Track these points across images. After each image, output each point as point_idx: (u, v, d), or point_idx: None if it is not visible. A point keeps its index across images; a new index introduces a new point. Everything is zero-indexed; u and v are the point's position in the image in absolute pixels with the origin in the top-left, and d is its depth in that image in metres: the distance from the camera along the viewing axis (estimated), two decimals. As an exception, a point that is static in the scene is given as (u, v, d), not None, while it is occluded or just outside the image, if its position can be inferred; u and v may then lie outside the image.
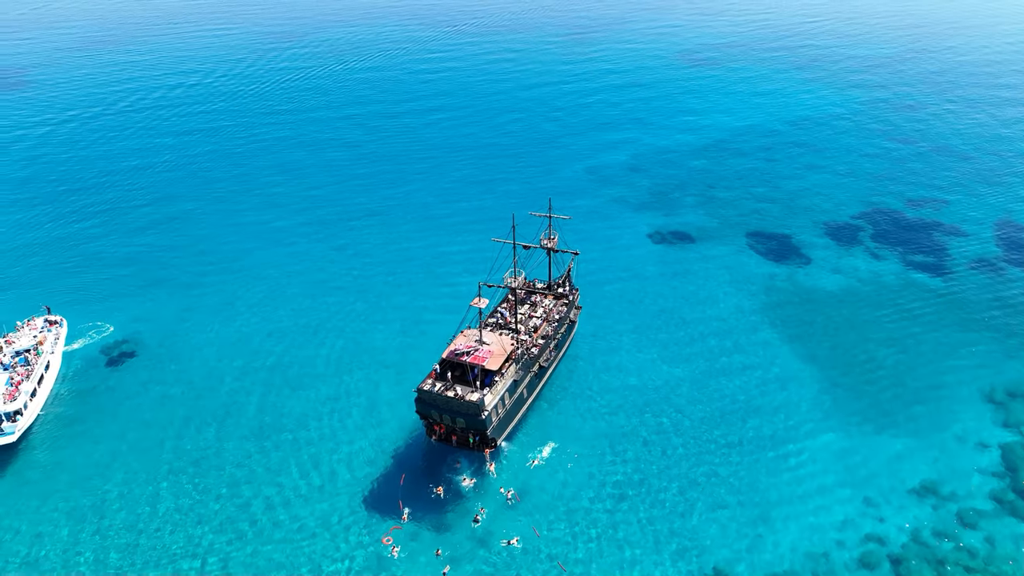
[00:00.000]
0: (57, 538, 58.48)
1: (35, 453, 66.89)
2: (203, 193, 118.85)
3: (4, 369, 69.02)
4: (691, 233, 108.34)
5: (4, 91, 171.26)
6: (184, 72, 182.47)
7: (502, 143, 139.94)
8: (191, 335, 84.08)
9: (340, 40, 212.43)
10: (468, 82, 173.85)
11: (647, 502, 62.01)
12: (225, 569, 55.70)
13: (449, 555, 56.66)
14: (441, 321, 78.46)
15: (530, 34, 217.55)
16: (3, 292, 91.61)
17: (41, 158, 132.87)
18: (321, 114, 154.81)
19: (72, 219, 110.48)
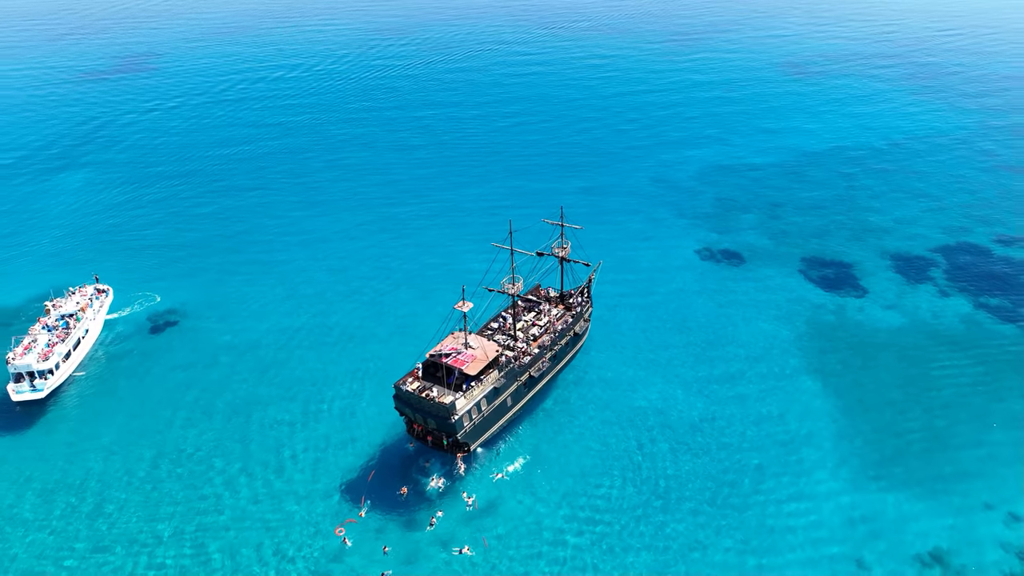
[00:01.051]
0: (64, 485, 64.03)
1: (63, 409, 73.37)
2: (270, 183, 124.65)
3: (48, 331, 76.18)
4: (742, 253, 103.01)
5: (130, 76, 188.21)
6: (286, 65, 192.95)
7: (569, 150, 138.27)
8: (230, 315, 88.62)
9: (436, 38, 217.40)
10: (549, 86, 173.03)
11: (621, 532, 59.51)
12: (193, 535, 58.94)
13: (394, 554, 57.10)
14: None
15: (626, 38, 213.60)
16: (69, 259, 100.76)
17: (140, 140, 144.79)
18: (394, 113, 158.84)
19: (148, 198, 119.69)
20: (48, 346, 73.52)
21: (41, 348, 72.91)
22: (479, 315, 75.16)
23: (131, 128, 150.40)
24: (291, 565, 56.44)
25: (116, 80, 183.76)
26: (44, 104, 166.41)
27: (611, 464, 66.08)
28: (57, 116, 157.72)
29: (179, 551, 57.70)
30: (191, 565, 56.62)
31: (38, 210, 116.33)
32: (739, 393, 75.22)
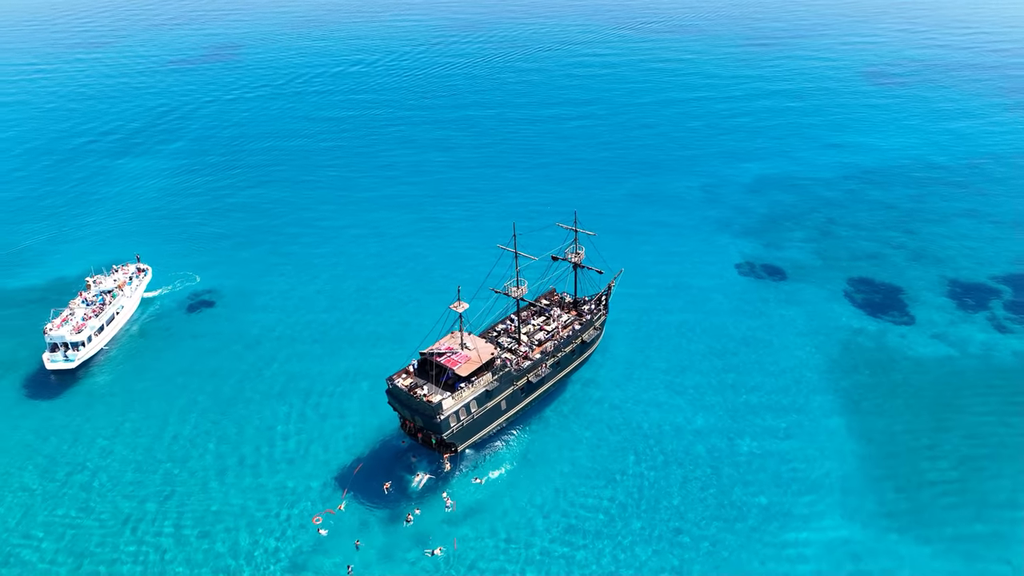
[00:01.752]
0: (71, 453, 68.05)
1: (91, 380, 77.74)
2: (319, 178, 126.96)
3: (86, 305, 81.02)
4: (785, 269, 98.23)
5: (216, 63, 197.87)
6: (351, 60, 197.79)
7: (621, 154, 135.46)
8: (263, 302, 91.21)
9: (502, 36, 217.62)
10: (609, 89, 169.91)
11: (602, 551, 57.79)
12: (177, 510, 61.40)
13: (366, 549, 57.51)
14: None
15: (699, 41, 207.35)
16: (123, 238, 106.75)
17: (203, 128, 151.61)
18: (445, 112, 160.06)
19: (203, 185, 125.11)
20: (83, 320, 78.11)
21: (76, 321, 77.58)
22: (489, 317, 74.79)
23: (198, 116, 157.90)
24: (263, 549, 57.73)
25: (197, 69, 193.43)
26: (128, 90, 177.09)
27: (604, 483, 64.10)
28: (136, 102, 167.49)
29: (160, 528, 60.07)
30: (169, 544, 58.79)
31: (103, 189, 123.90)
32: (757, 423, 71.18)
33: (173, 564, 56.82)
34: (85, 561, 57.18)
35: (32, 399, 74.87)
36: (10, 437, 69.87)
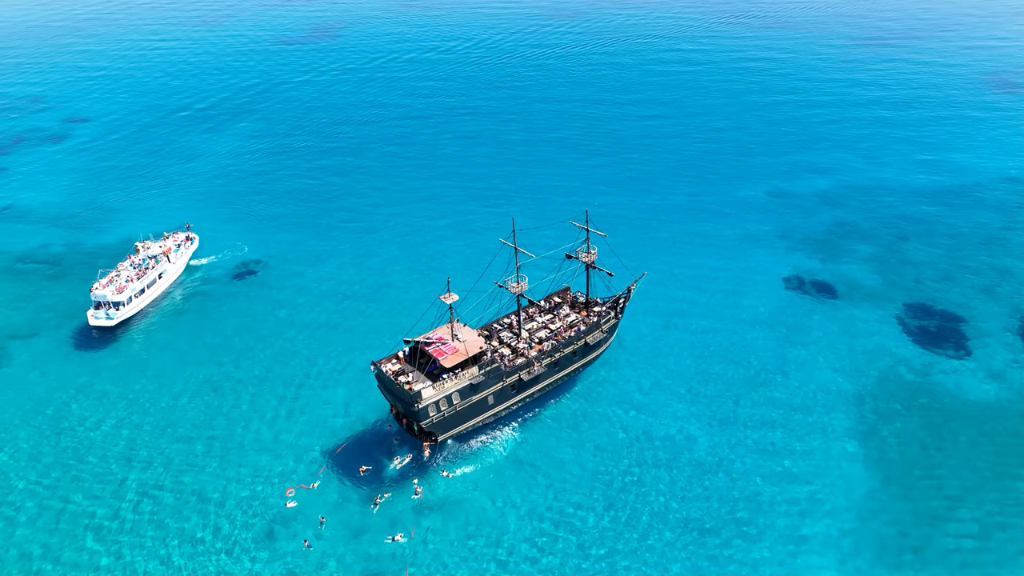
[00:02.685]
0: (102, 401, 73.60)
1: (129, 337, 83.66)
2: (381, 163, 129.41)
3: (134, 268, 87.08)
4: (837, 287, 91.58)
5: (317, 41, 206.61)
6: (441, 44, 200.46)
7: (689, 155, 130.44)
8: (304, 274, 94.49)
9: (593, 27, 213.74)
10: (693, 87, 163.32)
11: (561, 564, 56.26)
12: (178, 467, 65.22)
13: (330, 526, 58.78)
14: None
15: (804, 38, 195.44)
16: (188, 205, 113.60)
17: (287, 106, 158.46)
18: (512, 103, 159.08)
19: (273, 160, 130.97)
20: (125, 282, 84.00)
21: (120, 283, 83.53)
22: (492, 310, 74.39)
23: (283, 95, 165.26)
24: (230, 515, 60.25)
25: (294, 49, 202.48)
26: (228, 67, 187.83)
27: (588, 488, 62.38)
28: (233, 79, 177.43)
29: (158, 481, 63.96)
30: (161, 495, 62.51)
31: (181, 159, 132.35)
32: (767, 446, 66.94)
33: (146, 526, 60.23)
34: (69, 506, 61.69)
35: (74, 349, 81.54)
36: (42, 381, 76.62)
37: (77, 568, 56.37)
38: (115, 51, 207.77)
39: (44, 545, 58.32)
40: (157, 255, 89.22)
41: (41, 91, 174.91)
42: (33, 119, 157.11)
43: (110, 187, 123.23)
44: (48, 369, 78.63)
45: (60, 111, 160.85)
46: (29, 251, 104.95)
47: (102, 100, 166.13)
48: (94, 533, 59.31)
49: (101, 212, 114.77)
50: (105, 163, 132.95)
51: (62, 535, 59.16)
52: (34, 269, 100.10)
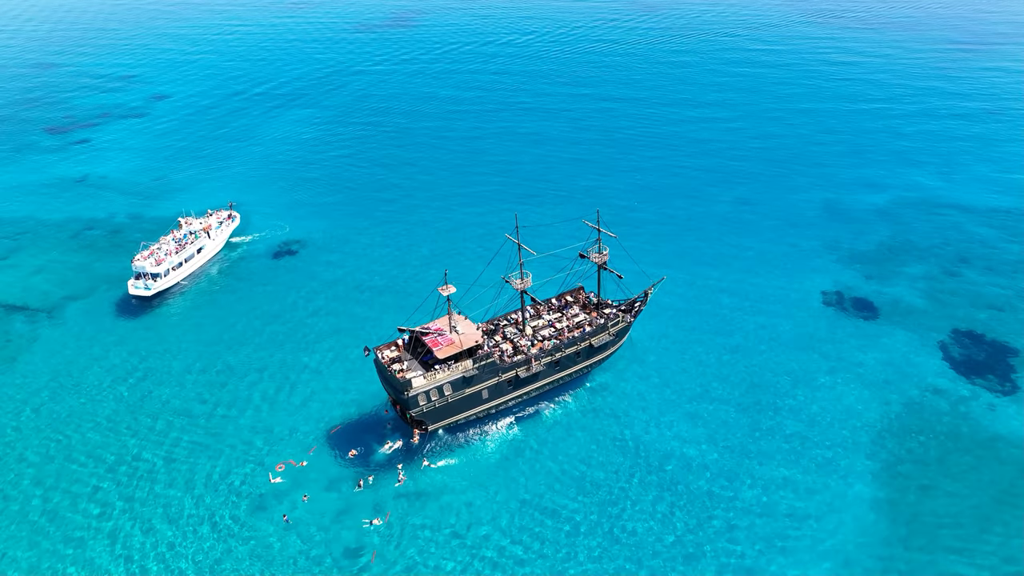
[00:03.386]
0: (125, 367, 77.98)
1: (164, 307, 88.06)
2: (437, 155, 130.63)
3: (175, 243, 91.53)
4: (880, 307, 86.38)
5: (393, 29, 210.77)
6: (513, 33, 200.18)
7: (748, 157, 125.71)
8: (341, 258, 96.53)
9: (679, 21, 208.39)
10: (763, 89, 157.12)
11: (526, 567, 55.76)
12: (178, 434, 68.37)
13: (312, 504, 60.20)
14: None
15: (898, 41, 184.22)
16: (240, 185, 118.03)
17: (353, 92, 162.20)
18: (567, 100, 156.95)
19: (329, 145, 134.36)
20: (164, 255, 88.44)
21: (159, 255, 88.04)
22: (504, 304, 74.10)
23: (353, 82, 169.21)
24: (219, 485, 62.62)
25: (378, 33, 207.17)
26: (303, 53, 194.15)
27: (568, 496, 61.27)
28: (306, 65, 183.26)
29: (158, 445, 67.34)
30: (156, 461, 65.81)
31: (243, 141, 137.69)
32: (774, 474, 63.61)
33: (136, 489, 63.43)
34: (70, 464, 66.14)
35: (113, 315, 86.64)
36: (78, 340, 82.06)
37: (73, 507, 60.15)
38: (201, 35, 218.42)
39: (44, 497, 62.47)
40: (197, 231, 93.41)
41: (132, 70, 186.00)
42: (121, 95, 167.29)
43: (177, 163, 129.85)
44: (86, 330, 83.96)
45: (145, 89, 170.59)
46: (97, 219, 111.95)
47: (184, 80, 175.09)
48: (90, 487, 62.96)
49: (165, 186, 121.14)
50: (176, 140, 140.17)
51: (62, 484, 63.11)
52: (98, 236, 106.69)
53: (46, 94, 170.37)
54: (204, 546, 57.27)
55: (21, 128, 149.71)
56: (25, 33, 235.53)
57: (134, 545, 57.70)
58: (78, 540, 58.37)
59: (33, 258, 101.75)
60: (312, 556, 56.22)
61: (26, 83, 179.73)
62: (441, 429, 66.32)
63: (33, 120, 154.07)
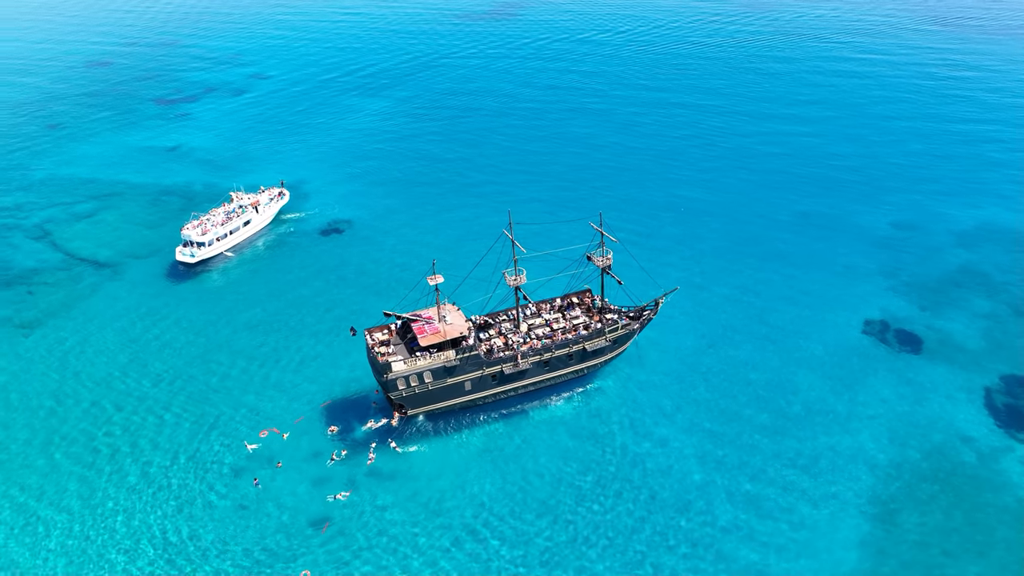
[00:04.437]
0: (156, 323, 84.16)
1: (206, 274, 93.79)
2: (498, 148, 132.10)
3: (225, 215, 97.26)
4: (926, 342, 79.47)
5: (493, 20, 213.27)
6: (607, 28, 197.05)
7: (825, 168, 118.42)
8: (386, 240, 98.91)
9: (782, 21, 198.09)
10: (856, 97, 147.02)
11: (477, 566, 55.77)
12: (183, 388, 73.17)
13: (285, 471, 62.81)
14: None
15: (1013, 48, 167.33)
16: (310, 161, 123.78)
17: (446, 79, 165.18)
18: (651, 95, 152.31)
19: (406, 130, 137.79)
20: (211, 226, 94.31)
21: (206, 226, 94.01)
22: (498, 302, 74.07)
23: (439, 70, 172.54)
24: (209, 443, 66.45)
25: (477, 24, 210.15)
26: (399, 38, 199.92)
27: (539, 499, 60.49)
28: (402, 50, 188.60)
29: (168, 398, 72.21)
30: (164, 412, 70.66)
31: (317, 120, 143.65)
32: (758, 503, 60.09)
33: (136, 435, 68.31)
34: (95, 408, 71.97)
35: (161, 277, 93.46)
36: (125, 297, 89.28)
37: (81, 441, 66.04)
38: (309, 21, 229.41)
39: (60, 430, 68.76)
40: (246, 205, 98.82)
41: (242, 51, 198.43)
42: (226, 73, 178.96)
43: (258, 139, 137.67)
44: (136, 288, 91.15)
45: (249, 69, 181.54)
46: (176, 186, 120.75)
47: (284, 63, 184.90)
48: (84, 433, 68.75)
49: (242, 159, 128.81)
50: (262, 117, 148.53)
51: (83, 422, 69.23)
52: (172, 202, 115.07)
53: (163, 70, 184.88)
54: (168, 501, 60.94)
55: (134, 99, 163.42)
56: (157, 11, 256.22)
57: (109, 494, 61.90)
58: (53, 480, 63.71)
59: (113, 218, 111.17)
60: (271, 520, 58.73)
61: (149, 59, 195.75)
62: (422, 415, 67.23)
63: (146, 92, 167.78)
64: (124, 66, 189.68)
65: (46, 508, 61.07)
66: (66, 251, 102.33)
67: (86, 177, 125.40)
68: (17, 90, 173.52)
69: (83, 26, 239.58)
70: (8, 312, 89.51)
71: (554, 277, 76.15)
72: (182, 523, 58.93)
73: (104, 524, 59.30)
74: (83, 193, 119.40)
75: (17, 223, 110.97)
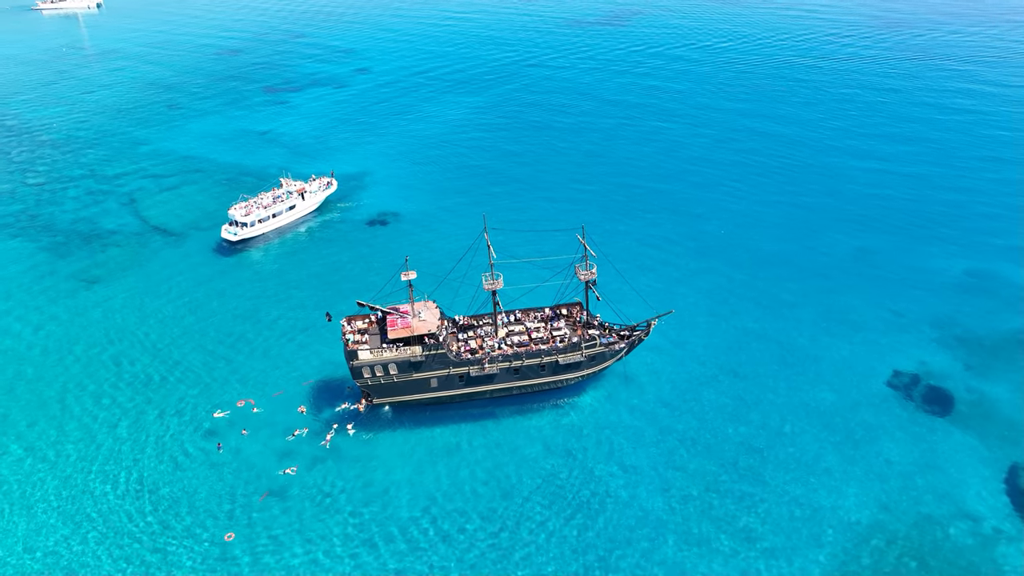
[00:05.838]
0: (189, 292, 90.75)
1: (245, 253, 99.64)
2: (568, 159, 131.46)
3: (273, 199, 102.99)
4: (958, 404, 71.37)
5: (601, 27, 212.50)
6: (719, 37, 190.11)
7: (893, 205, 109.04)
8: (425, 238, 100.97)
9: (924, 38, 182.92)
10: (972, 121, 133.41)
11: (394, 564, 56.27)
12: (191, 354, 78.41)
13: (249, 439, 66.07)
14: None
15: None
16: (380, 154, 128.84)
17: (539, 83, 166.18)
18: (726, 116, 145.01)
19: (482, 132, 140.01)
20: (256, 208, 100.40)
21: (250, 208, 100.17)
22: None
23: (528, 72, 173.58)
24: (196, 405, 70.86)
25: (583, 30, 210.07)
26: (505, 42, 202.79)
27: (483, 507, 60.12)
28: (499, 52, 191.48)
29: (159, 366, 77.39)
30: (153, 372, 76.21)
31: (402, 117, 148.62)
32: (707, 546, 57.02)
33: (135, 393, 73.97)
34: (115, 366, 78.71)
35: (208, 251, 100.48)
36: (178, 266, 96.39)
37: (93, 385, 72.94)
38: (420, 21, 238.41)
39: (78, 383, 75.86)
40: (292, 191, 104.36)
41: (354, 47, 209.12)
42: (334, 67, 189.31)
43: (342, 130, 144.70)
44: (188, 257, 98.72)
45: (355, 64, 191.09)
46: (254, 167, 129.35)
47: (387, 59, 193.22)
48: (115, 378, 75.09)
49: (320, 147, 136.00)
50: (350, 109, 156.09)
51: (101, 371, 76.15)
52: (246, 182, 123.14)
53: (281, 61, 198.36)
54: (145, 451, 65.75)
55: (247, 86, 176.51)
56: (292, 7, 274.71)
57: (95, 439, 67.74)
58: (58, 421, 70.37)
59: (192, 192, 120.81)
60: (222, 484, 62.06)
61: (272, 50, 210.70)
62: (387, 406, 68.42)
63: (259, 80, 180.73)
64: (249, 56, 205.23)
65: (46, 445, 67.75)
66: (143, 218, 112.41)
67: (183, 153, 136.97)
68: (156, 72, 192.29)
69: (226, 19, 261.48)
70: (82, 266, 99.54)
71: (540, 285, 74.91)
72: (147, 474, 63.45)
73: (82, 464, 64.97)
74: (175, 167, 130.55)
75: (113, 189, 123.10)
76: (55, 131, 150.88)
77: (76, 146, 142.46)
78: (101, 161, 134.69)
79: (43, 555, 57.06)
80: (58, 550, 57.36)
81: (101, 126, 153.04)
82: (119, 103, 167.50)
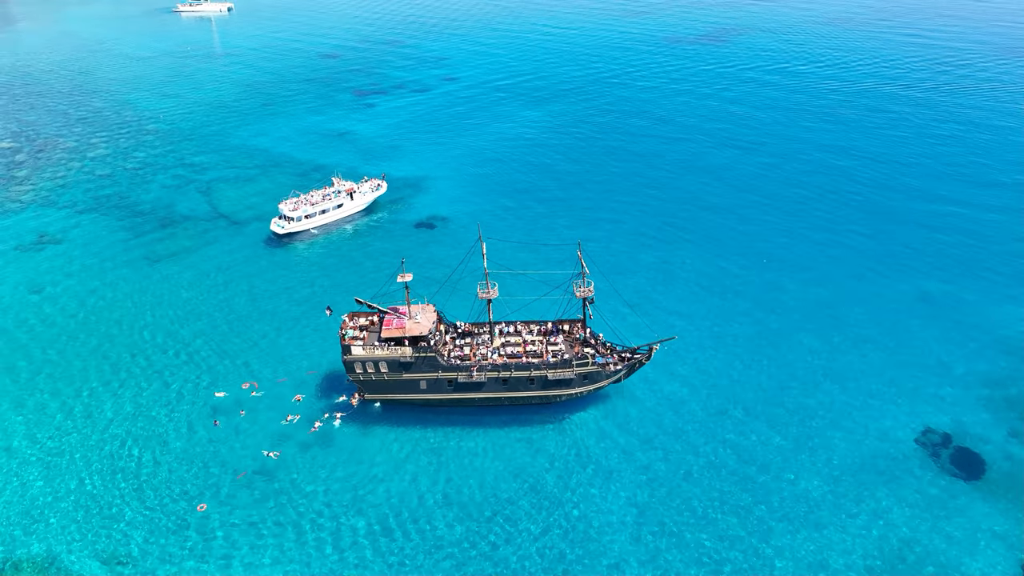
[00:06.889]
0: (231, 279, 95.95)
1: (290, 246, 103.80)
2: (626, 179, 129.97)
3: (323, 197, 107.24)
4: (992, 470, 64.72)
5: (698, 45, 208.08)
6: (815, 61, 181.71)
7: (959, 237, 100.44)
8: (466, 243, 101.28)
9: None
10: None
11: (369, 562, 57.24)
12: (206, 339, 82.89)
13: (245, 421, 69.05)
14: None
15: None
16: (444, 159, 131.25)
17: (618, 101, 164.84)
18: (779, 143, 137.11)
19: (548, 144, 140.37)
20: (304, 203, 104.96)
21: (298, 204, 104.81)
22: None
23: (610, 90, 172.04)
24: (197, 382, 74.82)
25: (678, 48, 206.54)
26: (595, 57, 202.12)
27: (455, 511, 60.29)
28: (585, 67, 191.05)
29: (178, 346, 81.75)
30: (168, 355, 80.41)
31: (475, 127, 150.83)
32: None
33: (147, 369, 78.80)
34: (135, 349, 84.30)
35: (258, 242, 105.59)
36: (229, 253, 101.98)
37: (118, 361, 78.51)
38: (517, 32, 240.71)
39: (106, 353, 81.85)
40: (341, 191, 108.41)
41: (446, 53, 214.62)
42: (422, 72, 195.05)
43: (414, 134, 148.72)
44: (241, 246, 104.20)
45: (443, 70, 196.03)
46: (325, 166, 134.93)
47: (475, 68, 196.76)
48: (138, 353, 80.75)
49: (391, 151, 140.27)
50: (429, 116, 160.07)
51: (127, 346, 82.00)
52: (314, 179, 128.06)
53: (374, 65, 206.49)
54: (151, 426, 69.85)
55: (337, 87, 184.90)
56: (395, 13, 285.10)
57: (103, 411, 72.33)
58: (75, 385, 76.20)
59: (264, 185, 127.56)
60: (214, 459, 65.26)
61: (369, 54, 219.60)
62: (378, 403, 69.72)
63: (349, 83, 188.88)
64: (347, 59, 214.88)
65: (57, 407, 73.61)
66: (214, 205, 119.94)
67: (265, 148, 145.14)
68: (259, 74, 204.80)
69: (333, 24, 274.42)
70: (153, 247, 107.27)
71: (538, 299, 74.00)
72: (147, 450, 67.59)
73: (88, 428, 70.19)
74: (255, 161, 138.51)
75: (195, 177, 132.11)
76: (161, 122, 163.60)
77: (175, 137, 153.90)
78: (193, 151, 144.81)
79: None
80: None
81: (201, 119, 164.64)
82: (222, 99, 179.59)
